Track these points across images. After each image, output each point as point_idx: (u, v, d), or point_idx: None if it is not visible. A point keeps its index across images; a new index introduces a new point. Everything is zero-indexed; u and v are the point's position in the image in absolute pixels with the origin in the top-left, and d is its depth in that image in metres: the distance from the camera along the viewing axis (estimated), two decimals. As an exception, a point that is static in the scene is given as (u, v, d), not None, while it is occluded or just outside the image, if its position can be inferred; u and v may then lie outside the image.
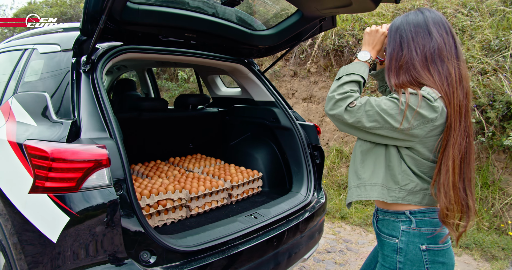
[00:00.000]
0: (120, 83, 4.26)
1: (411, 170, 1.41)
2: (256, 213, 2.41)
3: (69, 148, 1.65)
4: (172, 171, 2.95)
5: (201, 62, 2.83)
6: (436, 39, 1.38)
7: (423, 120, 1.31)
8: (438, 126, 1.33)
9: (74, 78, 1.98)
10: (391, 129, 1.34)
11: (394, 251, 1.43)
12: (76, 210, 1.60)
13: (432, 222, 1.40)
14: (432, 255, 1.39)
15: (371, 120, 1.35)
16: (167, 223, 2.39)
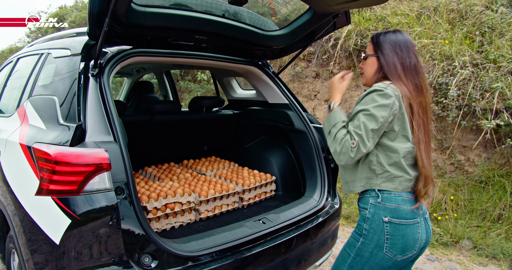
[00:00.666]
0: (138, 86, 4.31)
1: (385, 162, 1.67)
2: (265, 218, 2.37)
3: (71, 151, 1.66)
4: (184, 174, 2.94)
5: (212, 64, 2.82)
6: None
7: (388, 107, 1.62)
8: (397, 112, 1.63)
9: (82, 82, 2.00)
10: (378, 132, 1.64)
11: (363, 220, 1.70)
12: (78, 213, 1.60)
13: (397, 199, 1.65)
14: (393, 227, 1.63)
15: (368, 137, 1.62)
16: (175, 227, 2.38)
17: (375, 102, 1.62)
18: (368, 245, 1.67)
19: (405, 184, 1.67)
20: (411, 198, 1.68)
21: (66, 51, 2.31)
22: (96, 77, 2.03)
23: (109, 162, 1.66)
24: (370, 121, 1.61)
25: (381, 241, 1.64)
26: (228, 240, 2.02)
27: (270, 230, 2.22)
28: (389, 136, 1.68)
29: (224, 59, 2.79)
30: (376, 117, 1.60)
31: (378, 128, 1.61)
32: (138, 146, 3.07)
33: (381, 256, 1.65)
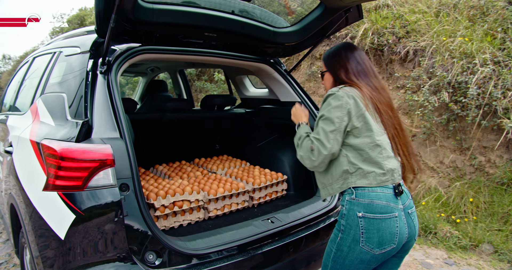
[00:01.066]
0: (152, 84, 4.34)
1: (356, 160, 1.73)
2: (273, 217, 2.33)
3: (76, 147, 1.67)
4: (195, 172, 2.94)
5: (223, 62, 2.80)
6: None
7: (341, 107, 1.73)
8: (353, 109, 1.73)
9: (90, 79, 2.01)
10: (337, 132, 1.73)
11: (341, 216, 1.76)
12: (82, 208, 1.61)
13: (370, 195, 1.69)
14: (367, 222, 1.66)
15: (328, 139, 1.73)
16: (183, 225, 2.36)
17: (329, 106, 1.76)
18: (346, 240, 1.72)
19: (379, 179, 1.71)
20: (388, 193, 1.70)
21: (76, 49, 2.33)
22: (104, 74, 2.03)
23: (113, 158, 1.66)
24: (327, 124, 1.74)
25: (357, 235, 1.68)
26: (235, 239, 2.00)
27: (278, 230, 2.18)
28: (354, 134, 1.75)
29: (234, 56, 2.77)
30: (331, 119, 1.73)
31: (335, 128, 1.72)
32: (150, 144, 3.08)
33: (358, 249, 1.69)
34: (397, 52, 5.93)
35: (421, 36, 5.74)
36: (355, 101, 1.74)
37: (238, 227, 2.14)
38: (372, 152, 1.72)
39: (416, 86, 5.51)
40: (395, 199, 1.70)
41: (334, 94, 1.77)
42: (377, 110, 1.79)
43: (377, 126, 1.77)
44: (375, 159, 1.72)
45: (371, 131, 1.74)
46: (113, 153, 1.69)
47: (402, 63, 5.96)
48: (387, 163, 1.73)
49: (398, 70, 5.95)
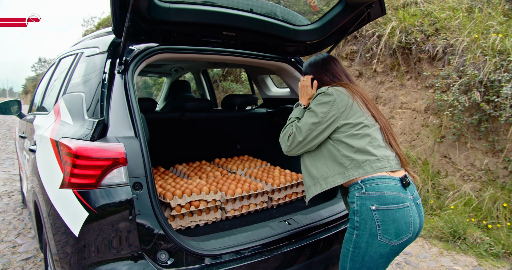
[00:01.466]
0: (175, 85, 4.37)
1: (348, 152, 1.78)
2: (291, 219, 2.28)
3: (90, 146, 1.68)
4: (214, 172, 2.92)
5: (243, 61, 2.77)
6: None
7: (328, 104, 1.83)
8: (342, 106, 1.83)
9: (107, 79, 2.02)
10: (317, 125, 1.83)
11: (353, 213, 1.74)
12: (95, 206, 1.62)
13: (380, 187, 1.69)
14: (382, 214, 1.66)
15: (306, 129, 1.85)
16: (200, 225, 2.35)
17: (317, 101, 1.88)
18: (363, 236, 1.70)
19: (374, 166, 1.74)
20: (396, 184, 1.72)
21: (96, 49, 2.36)
22: (122, 74, 2.05)
23: (125, 156, 1.66)
24: (311, 117, 1.86)
25: (373, 229, 1.67)
26: (250, 240, 1.96)
27: (295, 232, 2.14)
28: (344, 129, 1.82)
29: (254, 55, 2.74)
30: (316, 112, 1.84)
31: (318, 121, 1.82)
32: (170, 144, 3.09)
33: (377, 243, 1.68)
34: (425, 50, 5.77)
35: (451, 34, 5.55)
36: (343, 97, 1.85)
37: (253, 228, 2.11)
38: (362, 142, 1.78)
39: (445, 86, 5.33)
40: (403, 189, 1.72)
41: (324, 92, 1.88)
42: (365, 104, 1.90)
43: (368, 119, 1.86)
44: (366, 149, 1.77)
45: (361, 123, 1.82)
46: (126, 152, 1.69)
47: (431, 61, 5.78)
48: (379, 151, 1.78)
49: (427, 69, 5.78)
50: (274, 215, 2.59)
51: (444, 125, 5.23)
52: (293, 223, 2.23)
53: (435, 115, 5.46)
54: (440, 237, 4.31)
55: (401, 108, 6.16)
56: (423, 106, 5.65)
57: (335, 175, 1.80)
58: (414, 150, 5.63)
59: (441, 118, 5.31)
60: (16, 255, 3.64)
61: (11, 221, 4.61)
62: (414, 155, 5.55)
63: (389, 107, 6.34)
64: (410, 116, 5.95)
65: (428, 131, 5.52)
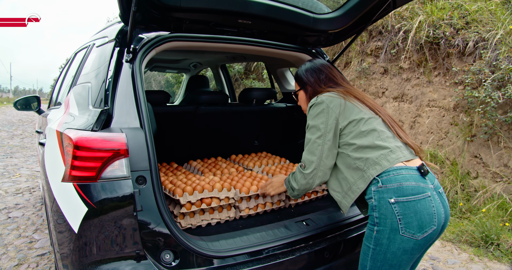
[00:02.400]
0: (193, 80, 4.26)
1: (360, 154, 1.70)
2: (309, 219, 2.12)
3: (91, 136, 1.57)
4: (229, 169, 2.79)
5: (259, 51, 2.62)
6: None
7: (323, 112, 1.78)
8: (336, 107, 1.78)
9: (114, 68, 1.93)
10: (324, 137, 1.76)
11: (372, 209, 1.65)
12: (94, 200, 1.50)
13: (396, 178, 1.60)
14: (402, 206, 1.56)
15: (315, 146, 1.78)
16: (212, 223, 2.21)
17: (311, 116, 1.83)
18: (384, 232, 1.61)
19: (390, 158, 1.66)
20: (413, 174, 1.63)
21: (105, 38, 2.27)
22: (129, 63, 1.94)
23: (126, 148, 1.54)
24: (313, 133, 1.80)
25: (394, 223, 1.58)
26: (263, 241, 1.82)
27: (312, 233, 1.98)
28: (347, 131, 1.76)
29: (272, 45, 2.58)
30: (316, 126, 1.78)
31: (322, 133, 1.76)
32: (184, 139, 2.97)
33: (399, 238, 1.58)
34: (455, 45, 5.51)
35: (483, 26, 5.27)
36: (333, 99, 1.80)
37: (267, 228, 1.96)
38: (370, 138, 1.71)
39: (476, 82, 5.06)
40: (423, 179, 1.63)
41: (314, 103, 1.83)
42: (361, 101, 1.85)
43: (367, 114, 1.80)
44: (376, 143, 1.69)
45: (363, 119, 1.76)
46: (130, 143, 1.57)
47: (461, 56, 5.51)
48: (389, 143, 1.70)
49: (456, 65, 5.52)
50: (292, 214, 2.43)
51: (475, 123, 4.96)
52: (311, 224, 2.07)
53: (465, 113, 5.19)
54: (471, 242, 4.05)
55: (428, 106, 5.90)
56: (452, 103, 5.39)
57: (357, 181, 1.70)
58: (442, 150, 5.36)
59: (471, 116, 5.03)
60: (32, 251, 3.62)
61: (30, 217, 4.62)
62: (442, 155, 5.28)
63: (415, 105, 6.08)
64: (438, 114, 5.68)
65: (457, 129, 5.25)
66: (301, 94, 2.09)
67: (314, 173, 1.79)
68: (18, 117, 20.51)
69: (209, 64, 4.78)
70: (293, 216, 2.39)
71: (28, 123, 17.37)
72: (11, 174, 6.83)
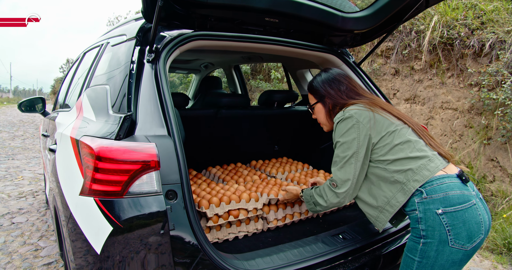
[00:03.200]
0: (205, 81, 4.09)
1: (398, 166, 1.60)
2: (344, 232, 1.96)
3: (115, 146, 1.40)
4: (252, 176, 2.62)
5: (285, 51, 2.45)
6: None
7: (353, 127, 1.65)
8: (367, 122, 1.65)
9: (135, 69, 1.76)
10: (357, 155, 1.64)
11: (417, 221, 1.56)
12: (120, 219, 1.33)
13: (441, 187, 1.53)
14: (451, 217, 1.49)
15: (348, 164, 1.66)
16: (239, 237, 2.05)
17: (340, 132, 1.69)
18: (432, 244, 1.53)
19: (430, 167, 1.58)
20: (456, 181, 1.56)
21: (122, 37, 2.10)
22: (152, 63, 1.78)
23: (158, 159, 1.37)
24: (344, 151, 1.67)
25: (443, 235, 1.50)
26: (301, 258, 1.65)
27: (351, 248, 1.82)
28: (381, 145, 1.65)
29: (298, 45, 2.42)
30: (347, 143, 1.65)
31: (355, 151, 1.64)
32: (202, 144, 2.81)
33: (448, 250, 1.51)
34: (470, 45, 5.36)
35: (500, 27, 5.12)
36: (362, 112, 1.69)
37: (304, 244, 1.80)
38: (406, 149, 1.62)
39: (494, 83, 4.91)
40: (465, 186, 1.57)
41: (342, 118, 1.70)
42: (388, 112, 1.75)
43: (398, 125, 1.70)
44: (413, 154, 1.61)
45: (395, 131, 1.67)
46: (159, 153, 1.40)
47: (476, 58, 5.37)
48: (425, 152, 1.63)
49: (471, 66, 5.37)
50: (321, 225, 2.27)
51: (491, 125, 4.81)
52: (347, 237, 1.92)
53: (480, 115, 5.04)
54: (492, 249, 3.89)
55: (441, 108, 5.75)
56: (467, 105, 5.24)
57: (396, 194, 1.61)
58: (456, 153, 5.20)
59: (488, 119, 4.88)
60: (38, 259, 3.45)
61: (35, 223, 4.45)
62: (456, 158, 5.13)
63: (428, 107, 5.92)
64: (452, 116, 5.53)
65: (473, 132, 5.10)
66: (318, 108, 1.94)
67: (348, 192, 1.69)
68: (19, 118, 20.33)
69: (222, 64, 4.61)
70: (323, 227, 2.24)
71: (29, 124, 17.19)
72: (13, 177, 6.65)
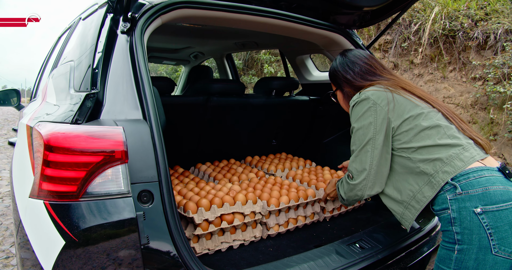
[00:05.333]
0: (194, 71, 3.75)
1: (426, 155, 1.38)
2: (362, 240, 1.63)
3: (70, 132, 1.05)
4: (248, 174, 2.28)
5: (284, 28, 2.11)
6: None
7: (370, 110, 1.47)
8: (385, 104, 1.45)
9: (105, 40, 1.43)
10: (375, 141, 1.45)
11: (449, 223, 1.32)
12: (74, 230, 0.99)
13: (479, 181, 1.29)
14: (493, 217, 1.24)
15: (365, 152, 1.47)
16: (234, 247, 1.71)
17: (355, 116, 1.53)
18: (470, 251, 1.27)
19: (464, 157, 1.34)
20: (498, 175, 1.30)
21: (94, 6, 1.76)
22: (127, 34, 1.44)
23: (125, 149, 1.02)
24: (359, 137, 1.50)
25: (483, 240, 1.25)
26: None
27: (372, 260, 1.50)
28: (403, 130, 1.44)
29: (302, 20, 2.08)
30: (363, 128, 1.48)
31: (371, 136, 1.46)
32: (191, 137, 2.45)
33: (491, 259, 1.24)
34: (473, 37, 5.17)
35: (505, 17, 4.92)
36: (379, 93, 1.49)
37: (315, 256, 1.46)
38: (435, 135, 1.40)
39: (500, 76, 4.71)
40: (509, 182, 1.31)
41: (357, 101, 1.53)
42: (410, 92, 1.54)
43: (425, 108, 1.47)
44: (444, 141, 1.38)
45: (421, 114, 1.44)
46: (128, 141, 1.06)
47: (479, 50, 5.19)
48: (458, 140, 1.39)
49: (475, 59, 5.17)
50: (330, 231, 1.94)
51: (497, 121, 4.58)
52: (366, 246, 1.59)
53: (485, 110, 4.83)
54: None
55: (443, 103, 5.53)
56: (470, 100, 5.04)
57: (423, 188, 1.38)
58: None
59: (495, 113, 4.66)
60: (8, 268, 3.08)
61: (9, 227, 4.07)
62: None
63: (432, 101, 5.70)
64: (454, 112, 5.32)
65: (477, 128, 4.88)
66: (339, 96, 1.79)
67: (364, 184, 1.48)
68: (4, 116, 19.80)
69: (213, 53, 4.26)
70: (332, 232, 1.92)
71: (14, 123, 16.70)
72: (-9, 177, 6.26)
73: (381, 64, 1.72)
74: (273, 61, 8.33)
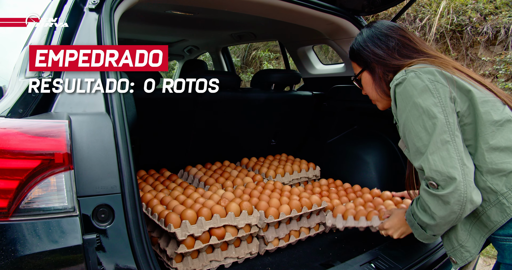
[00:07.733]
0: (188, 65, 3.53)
1: (491, 164, 1.07)
2: (378, 259, 1.39)
3: (0, 127, 0.80)
4: (244, 178, 2.03)
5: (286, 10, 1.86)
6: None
7: (427, 89, 1.13)
8: (444, 80, 1.13)
9: (67, 19, 1.20)
10: (450, 126, 1.08)
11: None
12: (3, 261, 0.73)
13: None
14: None
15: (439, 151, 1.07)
16: (226, 265, 1.45)
17: (406, 99, 1.15)
18: None
19: None
20: None
21: None
22: (95, 12, 1.20)
23: (67, 151, 0.77)
24: (424, 126, 1.11)
25: None
26: None
27: None
28: (465, 123, 1.12)
29: (306, 2, 1.84)
30: (425, 112, 1.10)
31: (444, 120, 1.08)
32: (179, 136, 2.21)
33: None
34: (482, 32, 5.04)
35: (517, 10, 4.84)
36: (436, 72, 1.14)
37: None
38: (507, 133, 1.09)
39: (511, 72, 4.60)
40: None
41: (401, 79, 1.17)
42: (466, 74, 1.18)
43: (487, 94, 1.14)
44: None
45: (487, 103, 1.11)
46: (78, 139, 0.80)
47: (488, 46, 5.08)
48: None
49: (484, 54, 5.06)
50: (337, 243, 1.70)
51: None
52: (383, 267, 1.34)
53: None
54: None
55: (450, 101, 5.43)
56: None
57: (488, 210, 1.09)
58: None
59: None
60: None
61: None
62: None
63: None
64: (463, 110, 5.20)
65: (488, 126, 4.72)
66: (365, 78, 1.39)
67: (461, 191, 1.04)
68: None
69: (208, 47, 4.04)
70: (340, 247, 1.67)
71: None
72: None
73: (420, 38, 1.37)
74: (272, 58, 8.18)
